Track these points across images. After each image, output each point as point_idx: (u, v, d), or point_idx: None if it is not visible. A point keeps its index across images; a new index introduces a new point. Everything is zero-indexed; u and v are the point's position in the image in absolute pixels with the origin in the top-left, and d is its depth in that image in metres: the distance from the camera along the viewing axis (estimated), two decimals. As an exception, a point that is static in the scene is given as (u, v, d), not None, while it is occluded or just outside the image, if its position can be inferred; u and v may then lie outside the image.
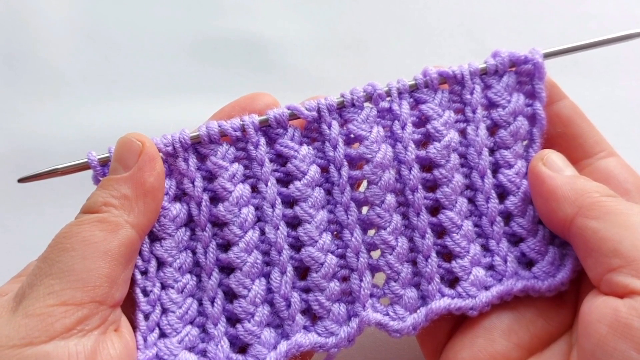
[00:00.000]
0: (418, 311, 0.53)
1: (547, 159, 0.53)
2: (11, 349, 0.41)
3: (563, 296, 0.54)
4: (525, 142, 0.57)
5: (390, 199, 0.53)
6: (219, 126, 0.51)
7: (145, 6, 0.84)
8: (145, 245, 0.50)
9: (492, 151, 0.56)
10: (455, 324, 0.56)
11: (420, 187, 0.54)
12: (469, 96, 0.55)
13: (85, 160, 0.50)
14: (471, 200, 0.55)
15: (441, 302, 0.53)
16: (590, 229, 0.48)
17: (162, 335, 0.50)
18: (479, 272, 0.54)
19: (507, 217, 0.55)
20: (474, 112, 0.55)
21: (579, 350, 0.47)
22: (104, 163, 0.50)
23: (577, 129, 0.57)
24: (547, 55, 0.57)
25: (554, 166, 0.52)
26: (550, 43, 0.58)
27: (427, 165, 0.55)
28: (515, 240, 0.55)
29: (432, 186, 0.55)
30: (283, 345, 0.50)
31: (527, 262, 0.55)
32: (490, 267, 0.55)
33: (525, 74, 0.56)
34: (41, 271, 0.44)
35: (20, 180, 0.51)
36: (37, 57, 0.81)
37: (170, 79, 0.81)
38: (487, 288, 0.53)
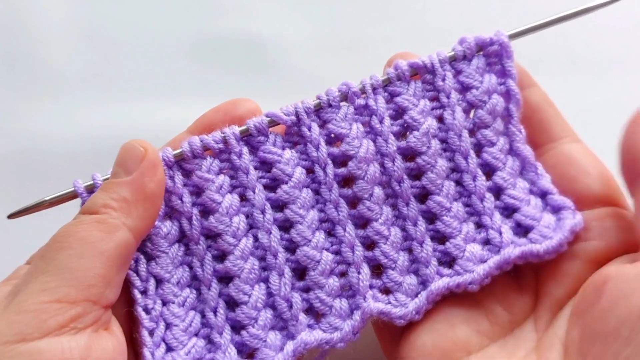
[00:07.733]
0: (419, 295, 0.53)
1: None
2: (4, 345, 0.41)
3: (522, 285, 0.55)
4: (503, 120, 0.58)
5: (379, 191, 0.54)
6: (201, 140, 0.52)
7: (145, 6, 0.84)
8: (142, 265, 0.51)
9: (472, 133, 0.57)
10: None
11: (405, 177, 0.55)
12: (441, 83, 0.56)
13: (72, 189, 0.51)
14: (459, 183, 0.56)
15: (440, 282, 0.53)
16: None
17: (169, 349, 0.50)
18: (474, 248, 0.54)
19: (498, 193, 0.56)
20: (448, 97, 0.56)
21: (585, 332, 0.46)
22: (91, 190, 0.51)
23: (544, 115, 0.58)
24: (513, 36, 0.58)
25: None
26: (551, 43, 0.58)
27: (410, 155, 0.56)
28: (508, 213, 0.56)
29: (417, 174, 0.56)
30: (289, 345, 0.50)
31: (523, 232, 0.55)
32: (486, 242, 0.55)
33: (493, 55, 0.57)
34: (37, 269, 0.45)
35: (10, 217, 0.51)
36: (37, 57, 0.81)
37: (170, 79, 0.81)
38: (484, 262, 0.54)
